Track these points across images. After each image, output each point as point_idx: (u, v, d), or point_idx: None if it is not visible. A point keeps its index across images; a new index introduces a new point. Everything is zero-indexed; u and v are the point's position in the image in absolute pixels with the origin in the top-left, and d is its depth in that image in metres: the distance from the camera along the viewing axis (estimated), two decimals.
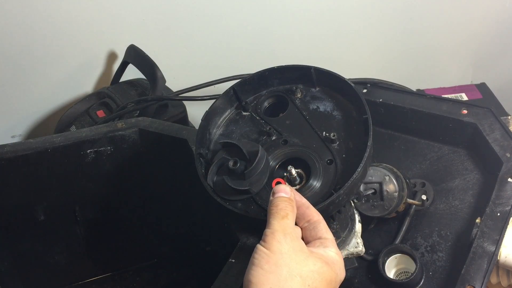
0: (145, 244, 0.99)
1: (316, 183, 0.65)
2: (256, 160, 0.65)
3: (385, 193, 0.79)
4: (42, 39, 1.07)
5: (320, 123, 0.71)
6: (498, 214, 0.72)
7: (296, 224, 0.60)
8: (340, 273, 0.57)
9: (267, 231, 0.55)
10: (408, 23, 1.32)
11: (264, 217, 0.59)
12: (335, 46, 1.31)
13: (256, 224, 0.61)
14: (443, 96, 0.90)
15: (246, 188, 0.65)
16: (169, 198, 0.93)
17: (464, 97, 1.28)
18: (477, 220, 0.73)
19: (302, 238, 0.60)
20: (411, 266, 0.78)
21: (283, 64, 0.75)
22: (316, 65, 0.73)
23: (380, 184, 0.79)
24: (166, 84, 1.05)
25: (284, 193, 0.59)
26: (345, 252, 0.71)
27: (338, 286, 0.57)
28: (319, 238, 0.58)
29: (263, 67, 0.75)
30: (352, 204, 0.76)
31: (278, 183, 0.63)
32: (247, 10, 1.17)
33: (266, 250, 0.53)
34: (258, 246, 0.54)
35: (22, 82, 1.11)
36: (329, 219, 0.67)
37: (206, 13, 1.15)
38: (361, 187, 0.79)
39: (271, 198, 0.59)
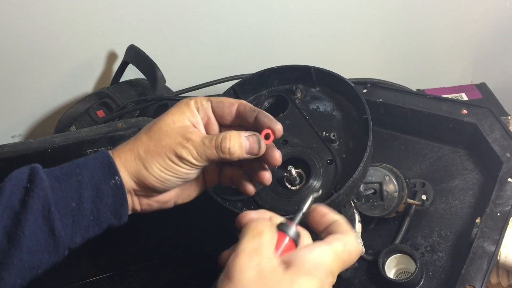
0: (145, 244, 0.99)
1: (316, 183, 0.65)
2: None
3: (385, 193, 0.79)
4: (42, 39, 1.07)
5: (320, 123, 0.71)
6: (498, 214, 0.72)
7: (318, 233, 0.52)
8: (330, 275, 0.47)
9: (230, 257, 0.46)
10: (408, 23, 1.32)
11: None
12: (335, 46, 1.30)
13: None
14: (443, 96, 0.90)
15: None
16: None
17: (464, 97, 1.28)
18: (477, 220, 0.73)
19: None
20: (411, 266, 0.78)
21: (283, 64, 0.75)
22: (316, 65, 0.73)
23: (380, 184, 0.79)
24: (166, 84, 1.05)
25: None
26: None
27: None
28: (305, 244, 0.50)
29: (263, 67, 0.75)
30: (352, 204, 0.76)
31: (267, 134, 0.55)
32: (247, 10, 1.17)
33: (225, 283, 0.44)
34: (217, 280, 0.46)
35: (22, 82, 1.11)
36: None
37: (206, 13, 1.15)
38: (361, 187, 0.79)
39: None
